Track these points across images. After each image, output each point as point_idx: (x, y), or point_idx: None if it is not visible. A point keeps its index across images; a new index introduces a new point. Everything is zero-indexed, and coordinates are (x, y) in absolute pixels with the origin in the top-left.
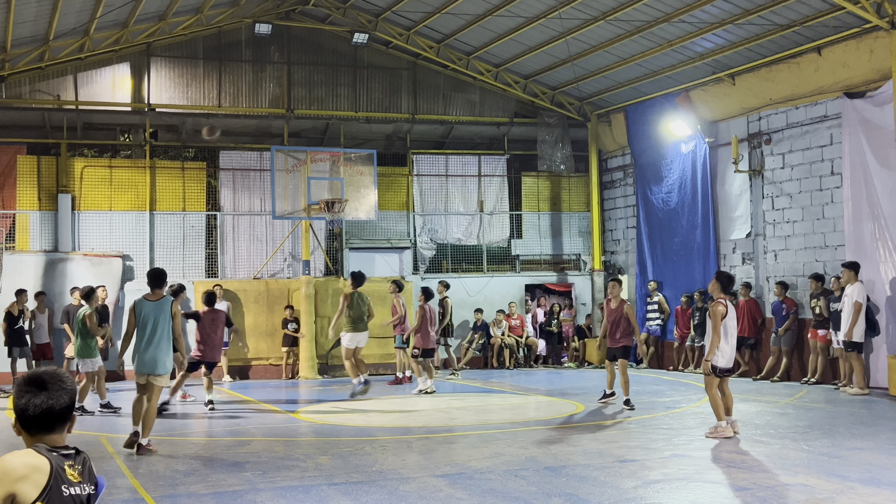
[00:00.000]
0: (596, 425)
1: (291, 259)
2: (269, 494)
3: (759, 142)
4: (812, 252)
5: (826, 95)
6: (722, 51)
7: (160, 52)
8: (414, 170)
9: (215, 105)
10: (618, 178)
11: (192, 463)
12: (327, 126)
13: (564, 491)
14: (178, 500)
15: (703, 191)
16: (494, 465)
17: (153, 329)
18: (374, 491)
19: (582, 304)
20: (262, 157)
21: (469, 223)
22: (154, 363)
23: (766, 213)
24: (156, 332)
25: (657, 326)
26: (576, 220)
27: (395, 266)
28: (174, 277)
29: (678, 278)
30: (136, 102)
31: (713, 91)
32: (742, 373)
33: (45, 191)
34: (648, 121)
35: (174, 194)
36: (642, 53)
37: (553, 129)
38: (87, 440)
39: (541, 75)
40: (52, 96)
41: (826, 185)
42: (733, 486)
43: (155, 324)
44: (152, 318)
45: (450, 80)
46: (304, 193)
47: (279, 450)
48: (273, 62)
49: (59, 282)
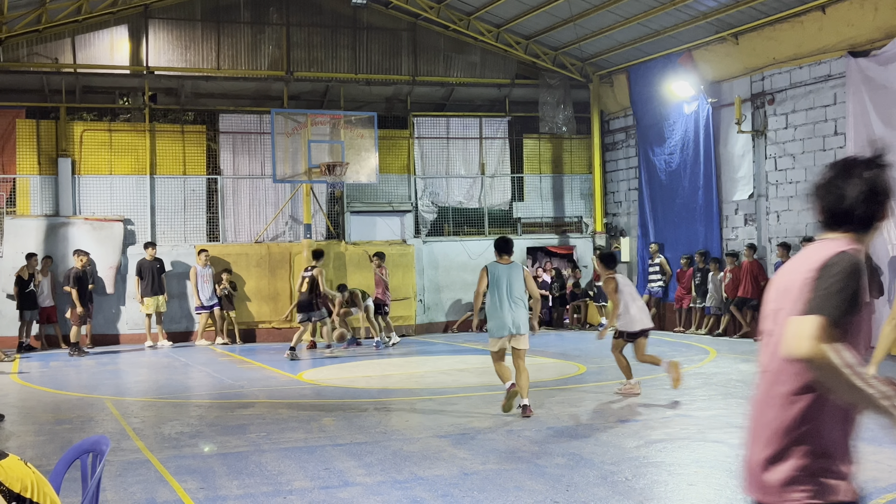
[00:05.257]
0: (598, 386)
1: (293, 222)
2: (273, 455)
3: (762, 102)
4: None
5: (830, 55)
6: (725, 10)
7: (158, 14)
8: (415, 132)
9: (214, 67)
10: (620, 140)
11: (197, 425)
12: (327, 88)
13: (567, 451)
14: (183, 461)
15: (705, 152)
16: (497, 425)
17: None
18: (378, 451)
19: (584, 267)
20: (261, 121)
21: (470, 186)
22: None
23: (768, 174)
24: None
25: (659, 288)
26: (577, 182)
27: (396, 229)
28: (175, 241)
29: (680, 240)
30: (134, 65)
31: (716, 51)
32: (744, 333)
33: (45, 155)
34: (651, 81)
35: (174, 158)
36: (645, 13)
37: (555, 90)
38: (91, 401)
39: (542, 36)
40: (50, 60)
41: (829, 146)
42: (735, 445)
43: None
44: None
45: (450, 41)
46: (305, 157)
47: (283, 412)
48: (272, 24)
49: (60, 246)
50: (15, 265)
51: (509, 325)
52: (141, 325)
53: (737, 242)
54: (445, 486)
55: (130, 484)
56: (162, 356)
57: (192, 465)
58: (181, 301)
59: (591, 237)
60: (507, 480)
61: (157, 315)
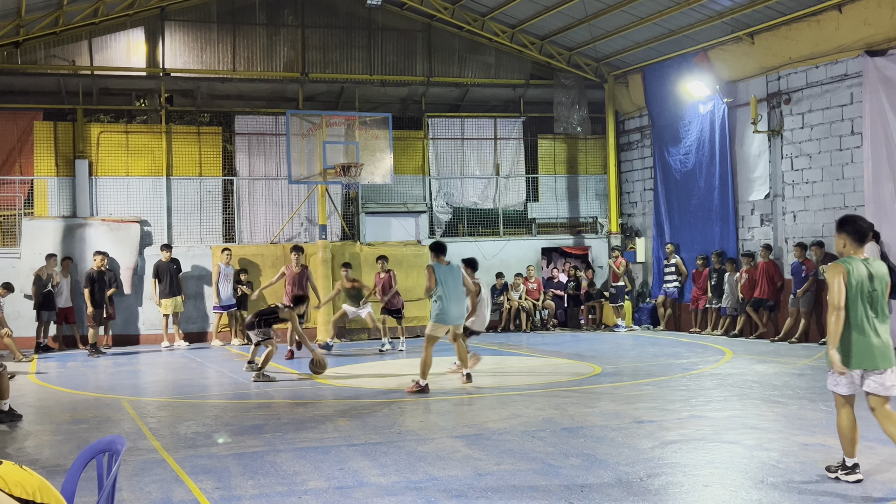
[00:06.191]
0: (613, 387)
1: (308, 223)
2: (288, 455)
3: (778, 101)
4: (831, 213)
5: (847, 54)
6: (741, 9)
7: (174, 16)
8: (429, 133)
9: (230, 69)
10: (635, 140)
11: (213, 424)
12: (342, 90)
13: (582, 451)
14: (199, 460)
15: (721, 152)
16: (512, 426)
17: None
18: (393, 452)
19: (599, 267)
20: (277, 122)
21: (485, 186)
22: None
23: (784, 174)
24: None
25: (674, 289)
26: (592, 182)
27: (411, 230)
28: (191, 242)
29: (695, 240)
30: (150, 67)
31: (732, 50)
32: (760, 334)
33: (62, 156)
34: (666, 81)
35: (190, 159)
36: (660, 13)
37: (569, 90)
38: (107, 401)
39: (557, 36)
40: (67, 62)
41: (846, 145)
42: (751, 446)
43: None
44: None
45: (465, 41)
46: (320, 158)
47: (298, 412)
48: (287, 25)
49: (77, 247)
50: (33, 266)
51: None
52: (157, 326)
53: (753, 243)
54: (460, 486)
55: (146, 483)
56: (178, 356)
57: (207, 464)
58: (197, 302)
59: (607, 238)
60: (521, 481)
61: (174, 315)
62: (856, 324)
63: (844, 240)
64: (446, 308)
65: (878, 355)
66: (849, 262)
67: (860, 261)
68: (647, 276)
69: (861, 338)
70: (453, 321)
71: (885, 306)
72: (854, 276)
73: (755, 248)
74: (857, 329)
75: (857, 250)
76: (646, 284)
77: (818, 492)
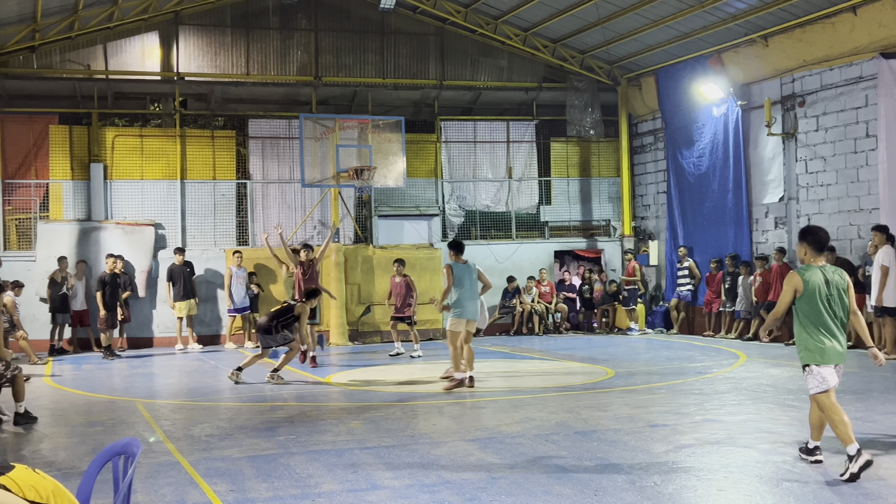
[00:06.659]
0: (626, 391)
1: (321, 226)
2: (302, 458)
3: (792, 104)
4: (846, 216)
5: (861, 56)
6: (755, 11)
7: (188, 21)
8: (442, 136)
9: (243, 73)
10: (648, 143)
11: (226, 427)
12: (355, 93)
13: (595, 455)
14: (213, 463)
15: (735, 154)
16: (525, 429)
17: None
18: (406, 455)
19: (612, 270)
20: (290, 125)
21: (498, 189)
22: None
23: (799, 177)
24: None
25: (688, 292)
26: (605, 185)
27: (423, 233)
28: (205, 245)
29: (709, 243)
30: (165, 71)
31: (746, 53)
32: (775, 338)
33: (78, 160)
34: (680, 84)
35: (204, 163)
36: (673, 15)
37: (582, 93)
38: (122, 404)
39: (570, 39)
40: (82, 66)
41: (861, 148)
42: (765, 450)
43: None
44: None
45: (477, 45)
46: (333, 161)
47: (312, 415)
48: (300, 29)
49: (92, 250)
50: (48, 269)
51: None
52: (171, 329)
53: (767, 246)
54: (473, 489)
55: (161, 486)
56: (192, 359)
57: (221, 467)
58: (210, 305)
59: (620, 241)
60: (534, 485)
61: (188, 318)
62: (813, 324)
63: (805, 248)
64: (463, 304)
65: (832, 354)
66: (805, 272)
67: (818, 268)
68: (660, 280)
69: (813, 338)
70: (469, 315)
71: (843, 309)
72: (811, 283)
73: (769, 251)
74: (813, 330)
75: (817, 258)
76: (659, 288)
77: (834, 495)
